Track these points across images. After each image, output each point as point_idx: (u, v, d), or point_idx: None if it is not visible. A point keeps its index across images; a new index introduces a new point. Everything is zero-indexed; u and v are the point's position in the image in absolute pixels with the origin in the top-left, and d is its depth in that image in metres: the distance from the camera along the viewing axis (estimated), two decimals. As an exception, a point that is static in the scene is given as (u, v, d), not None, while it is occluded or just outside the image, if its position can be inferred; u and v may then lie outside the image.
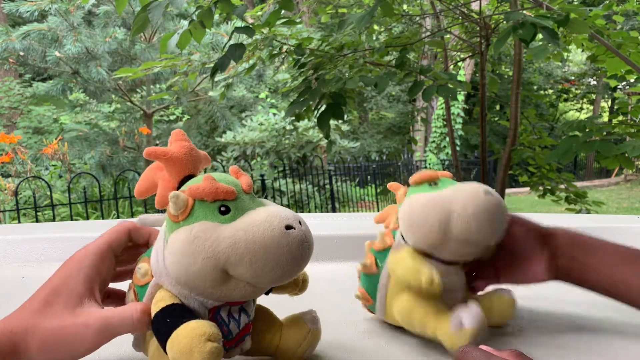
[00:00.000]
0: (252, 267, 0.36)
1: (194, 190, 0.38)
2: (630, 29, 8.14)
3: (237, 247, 0.35)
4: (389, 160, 8.18)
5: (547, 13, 1.54)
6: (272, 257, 0.36)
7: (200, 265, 0.36)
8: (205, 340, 0.35)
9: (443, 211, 0.46)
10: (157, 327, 0.38)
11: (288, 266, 0.37)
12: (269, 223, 0.36)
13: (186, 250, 0.36)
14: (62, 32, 4.24)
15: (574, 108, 16.72)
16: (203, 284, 0.37)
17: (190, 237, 0.36)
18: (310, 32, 2.50)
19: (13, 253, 0.87)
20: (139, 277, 0.41)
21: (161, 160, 0.41)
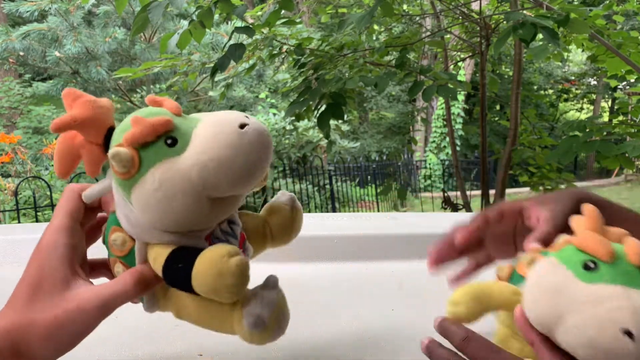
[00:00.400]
0: (231, 179, 0.34)
1: (132, 138, 0.34)
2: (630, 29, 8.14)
3: (207, 170, 0.34)
4: (389, 160, 8.18)
5: (547, 13, 1.54)
6: (243, 160, 0.34)
7: (185, 202, 0.34)
8: (227, 259, 0.34)
9: None
10: (173, 277, 0.36)
11: (260, 161, 0.35)
12: (223, 133, 0.34)
13: (160, 199, 0.34)
14: (62, 32, 4.24)
15: (574, 108, 16.72)
16: (196, 219, 0.36)
17: (156, 185, 0.34)
18: (310, 32, 2.50)
19: (13, 253, 0.87)
20: (119, 248, 0.39)
21: (73, 128, 0.36)
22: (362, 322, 0.57)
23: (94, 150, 0.37)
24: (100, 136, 0.37)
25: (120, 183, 0.35)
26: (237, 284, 0.34)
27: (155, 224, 0.36)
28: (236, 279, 0.34)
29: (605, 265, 0.31)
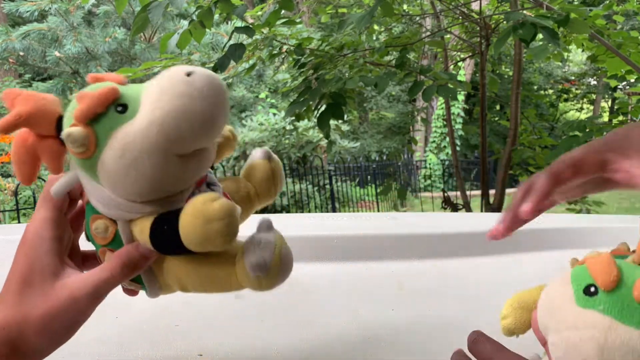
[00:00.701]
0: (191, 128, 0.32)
1: (81, 114, 0.33)
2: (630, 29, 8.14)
3: (166, 124, 0.32)
4: (389, 160, 8.19)
5: (547, 13, 1.54)
6: (199, 107, 0.32)
7: (151, 166, 0.33)
8: (210, 203, 0.32)
9: None
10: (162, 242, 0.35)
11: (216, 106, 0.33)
12: (171, 85, 0.33)
13: (127, 165, 0.33)
14: (62, 32, 4.24)
15: (574, 108, 16.72)
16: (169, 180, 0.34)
17: (119, 153, 0.32)
18: (310, 32, 2.50)
19: (13, 253, 0.87)
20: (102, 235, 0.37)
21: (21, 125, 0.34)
22: (362, 322, 0.57)
23: (50, 144, 0.35)
24: (51, 127, 0.35)
25: (83, 165, 0.34)
26: (227, 225, 0.32)
27: (130, 196, 0.34)
28: (224, 220, 0.32)
29: (604, 293, 0.30)
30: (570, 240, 0.89)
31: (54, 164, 0.36)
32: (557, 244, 0.85)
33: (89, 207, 0.38)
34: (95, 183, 0.35)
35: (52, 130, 0.35)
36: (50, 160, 0.36)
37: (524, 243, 0.85)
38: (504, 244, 0.46)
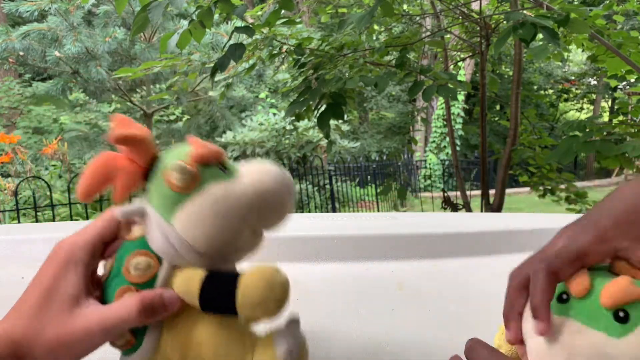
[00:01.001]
0: (273, 210, 0.39)
1: (198, 156, 0.37)
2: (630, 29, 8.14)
3: (260, 196, 0.38)
4: (389, 160, 8.18)
5: (547, 13, 1.54)
6: (285, 195, 0.39)
7: (236, 222, 0.37)
8: (278, 273, 0.36)
9: None
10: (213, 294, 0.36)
11: (289, 203, 0.40)
12: (271, 170, 0.39)
13: (216, 213, 0.36)
14: (62, 32, 4.24)
15: (574, 108, 16.72)
16: (238, 241, 0.38)
17: (212, 200, 0.36)
18: (310, 32, 2.50)
19: (13, 253, 0.87)
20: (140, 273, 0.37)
21: (134, 144, 0.38)
22: (362, 322, 0.57)
23: (134, 173, 0.39)
24: (147, 159, 0.39)
25: (170, 199, 0.37)
26: (284, 299, 0.36)
27: (196, 242, 0.37)
28: (285, 293, 0.36)
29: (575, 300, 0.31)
30: (570, 240, 0.88)
31: (124, 192, 0.39)
32: (557, 244, 0.85)
33: (131, 244, 0.39)
34: (164, 220, 0.37)
35: (146, 164, 0.39)
36: (124, 188, 0.39)
37: (524, 243, 0.85)
38: (504, 244, 0.46)
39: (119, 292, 0.38)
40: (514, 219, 1.18)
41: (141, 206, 0.39)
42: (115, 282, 0.38)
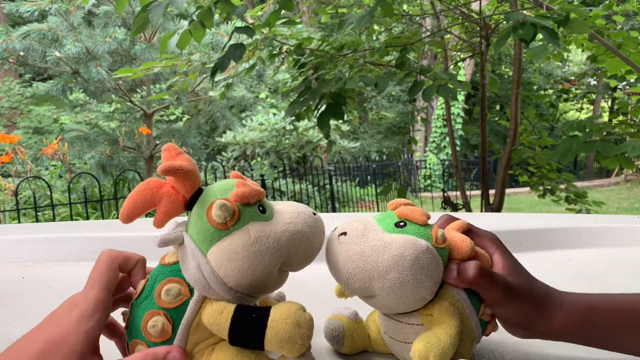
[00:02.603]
0: (306, 253, 0.41)
1: (240, 195, 0.40)
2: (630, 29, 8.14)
3: (294, 239, 0.40)
4: (389, 160, 8.19)
5: (547, 13, 1.54)
6: (316, 241, 0.42)
7: (269, 262, 0.39)
8: (303, 311, 0.38)
9: None
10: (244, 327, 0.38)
11: (319, 245, 0.43)
12: (304, 214, 0.42)
13: (252, 252, 0.38)
14: (62, 32, 4.23)
15: (574, 108, 16.72)
16: (267, 280, 0.40)
17: (252, 239, 0.38)
18: (310, 32, 2.50)
19: (13, 253, 0.87)
20: (171, 299, 0.39)
21: (178, 175, 0.40)
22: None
23: (177, 202, 0.41)
24: (192, 191, 0.41)
25: (209, 234, 0.39)
26: (309, 336, 0.38)
27: (228, 278, 0.38)
28: (310, 330, 0.38)
29: (388, 211, 0.44)
30: (570, 240, 0.89)
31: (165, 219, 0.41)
32: (557, 243, 0.85)
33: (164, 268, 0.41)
34: (199, 252, 0.39)
35: (190, 194, 0.41)
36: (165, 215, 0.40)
37: (524, 243, 0.85)
38: (504, 243, 0.46)
39: (148, 314, 0.39)
40: (513, 218, 1.18)
41: (180, 235, 0.41)
42: (145, 304, 0.40)
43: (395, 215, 0.44)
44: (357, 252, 0.41)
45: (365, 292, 0.42)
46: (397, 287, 0.40)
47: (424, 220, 0.43)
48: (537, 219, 1.14)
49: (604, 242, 0.90)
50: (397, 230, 0.42)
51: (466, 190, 2.78)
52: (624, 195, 8.51)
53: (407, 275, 0.40)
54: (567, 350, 0.49)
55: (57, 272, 0.80)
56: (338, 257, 0.42)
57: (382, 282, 0.40)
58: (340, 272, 0.42)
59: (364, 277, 0.40)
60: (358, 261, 0.41)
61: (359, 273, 0.41)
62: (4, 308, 0.63)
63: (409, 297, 0.41)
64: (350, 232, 0.42)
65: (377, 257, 0.40)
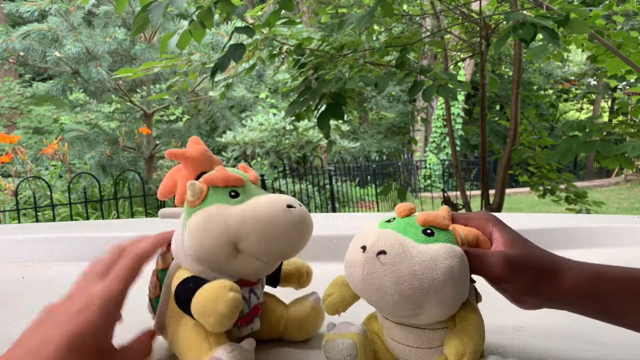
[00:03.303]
0: (259, 240, 0.41)
1: (208, 178, 0.44)
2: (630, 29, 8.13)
3: (245, 223, 0.41)
4: (389, 160, 8.19)
5: (547, 13, 1.54)
6: (275, 231, 0.41)
7: (214, 239, 0.41)
8: (228, 290, 0.39)
9: None
10: (181, 292, 0.42)
11: (290, 240, 0.43)
12: (272, 202, 0.42)
13: (203, 228, 0.41)
14: (62, 32, 4.23)
15: (574, 108, 16.72)
16: (217, 258, 0.42)
17: (206, 217, 0.42)
18: (310, 32, 2.50)
19: (13, 253, 0.87)
20: (161, 262, 0.47)
21: (180, 159, 0.47)
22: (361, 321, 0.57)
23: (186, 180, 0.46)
24: (195, 174, 0.47)
25: (187, 210, 0.44)
26: (225, 315, 0.39)
27: (191, 251, 0.43)
28: (226, 309, 0.38)
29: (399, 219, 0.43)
30: (570, 240, 0.89)
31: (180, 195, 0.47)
32: (557, 243, 0.85)
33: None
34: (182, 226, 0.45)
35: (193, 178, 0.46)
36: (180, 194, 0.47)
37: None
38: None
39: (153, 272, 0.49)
40: (513, 219, 1.18)
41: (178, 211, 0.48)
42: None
43: (417, 223, 0.42)
44: (409, 272, 0.38)
45: (414, 311, 0.39)
46: (451, 299, 0.39)
47: (448, 224, 0.42)
48: (537, 219, 1.14)
49: (604, 242, 0.90)
50: (429, 239, 0.41)
51: (466, 190, 2.78)
52: (624, 195, 8.51)
53: (458, 285, 0.39)
54: (568, 349, 0.49)
55: (57, 272, 0.80)
56: (384, 279, 0.39)
57: (437, 298, 0.39)
58: (390, 295, 0.39)
59: (419, 296, 0.38)
60: (412, 281, 0.38)
61: (414, 294, 0.38)
62: (4, 308, 0.63)
63: (457, 306, 0.41)
64: (389, 250, 0.39)
65: (430, 274, 0.38)
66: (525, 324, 0.56)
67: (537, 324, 0.56)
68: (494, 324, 0.43)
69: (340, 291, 0.46)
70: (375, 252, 0.39)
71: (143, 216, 4.11)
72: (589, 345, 0.51)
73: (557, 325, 0.56)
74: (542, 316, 0.55)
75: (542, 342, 0.51)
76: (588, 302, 0.42)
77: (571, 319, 0.57)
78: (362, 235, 0.42)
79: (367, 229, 0.43)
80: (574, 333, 0.54)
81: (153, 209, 4.42)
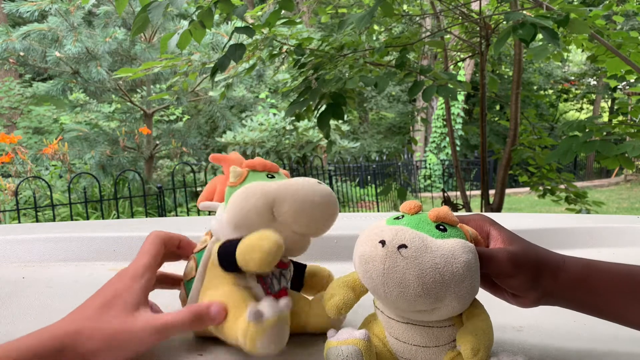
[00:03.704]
0: (294, 207, 0.45)
1: (248, 163, 0.50)
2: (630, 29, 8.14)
3: (281, 191, 0.45)
4: (389, 160, 8.18)
5: (547, 13, 1.54)
6: (309, 199, 0.46)
7: (253, 203, 0.45)
8: (263, 239, 0.42)
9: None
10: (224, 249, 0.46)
11: (320, 210, 0.46)
12: (305, 180, 0.47)
13: (242, 197, 0.46)
14: (62, 32, 4.24)
15: (574, 108, 16.73)
16: (255, 222, 0.45)
17: (245, 189, 0.46)
18: (310, 32, 2.50)
19: (13, 253, 0.87)
20: (199, 244, 0.52)
21: (221, 162, 0.52)
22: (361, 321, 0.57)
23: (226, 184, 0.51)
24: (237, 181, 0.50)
25: (228, 191, 0.49)
26: (270, 252, 0.42)
27: (231, 219, 0.46)
28: (273, 247, 0.42)
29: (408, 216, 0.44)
30: (570, 240, 0.89)
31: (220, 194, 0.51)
32: (557, 243, 0.85)
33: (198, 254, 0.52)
34: (223, 205, 0.49)
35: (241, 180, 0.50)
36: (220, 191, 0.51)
37: (523, 243, 0.85)
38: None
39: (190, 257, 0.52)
40: (513, 219, 1.18)
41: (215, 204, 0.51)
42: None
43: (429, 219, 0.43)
44: (431, 265, 0.39)
45: (433, 305, 0.40)
46: (468, 293, 0.40)
47: (457, 221, 0.44)
48: (537, 219, 1.14)
49: (604, 242, 0.90)
50: (444, 235, 0.41)
51: (466, 190, 2.78)
52: (624, 195, 8.51)
53: (475, 279, 0.40)
54: (567, 349, 0.49)
55: (57, 272, 0.80)
56: (407, 272, 0.39)
57: (456, 291, 0.39)
58: (412, 289, 0.39)
59: (440, 289, 0.39)
60: (434, 274, 0.39)
61: (436, 287, 0.39)
62: (4, 308, 0.63)
63: (471, 300, 0.41)
64: (410, 244, 0.39)
65: (451, 267, 0.39)
66: (525, 324, 0.56)
67: (537, 324, 0.56)
68: (493, 324, 0.44)
69: (342, 293, 0.46)
70: (396, 246, 0.39)
71: (143, 216, 4.11)
72: (589, 344, 0.51)
73: (556, 325, 0.56)
74: (541, 316, 0.56)
75: (541, 341, 0.51)
76: (579, 294, 0.44)
77: (571, 319, 0.57)
78: (375, 231, 0.42)
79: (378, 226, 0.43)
80: (573, 332, 0.54)
81: (153, 209, 4.42)
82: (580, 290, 0.44)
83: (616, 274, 0.44)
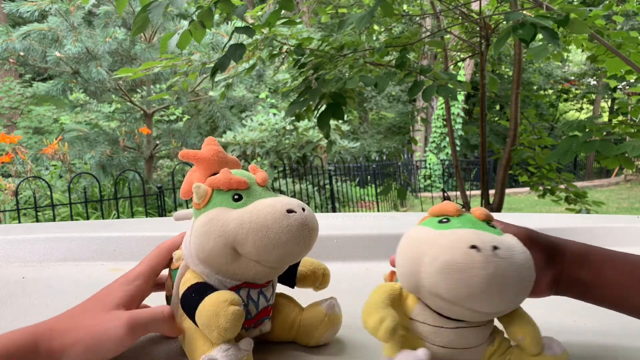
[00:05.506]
0: (256, 244, 0.41)
1: (212, 181, 0.45)
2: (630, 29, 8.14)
3: (242, 227, 0.41)
4: (389, 160, 8.18)
5: (547, 13, 1.54)
6: (273, 236, 0.41)
7: (213, 243, 0.42)
8: (228, 305, 0.40)
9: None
10: (186, 303, 0.43)
11: (289, 246, 0.41)
12: (271, 207, 0.42)
13: (203, 231, 0.42)
14: (62, 32, 4.23)
15: (574, 108, 16.72)
16: (217, 261, 0.43)
17: (206, 220, 0.42)
18: (310, 32, 2.50)
19: (13, 253, 0.87)
20: (174, 261, 0.48)
21: (191, 160, 0.47)
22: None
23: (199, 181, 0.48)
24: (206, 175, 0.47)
25: (194, 212, 0.46)
26: (227, 328, 0.39)
27: (195, 253, 0.44)
28: (227, 323, 0.39)
29: (455, 218, 0.42)
30: (570, 240, 0.89)
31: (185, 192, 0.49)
32: (557, 243, 0.85)
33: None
34: (190, 228, 0.46)
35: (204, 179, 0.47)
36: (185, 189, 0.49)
37: (523, 243, 0.85)
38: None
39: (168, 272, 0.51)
40: (513, 219, 1.18)
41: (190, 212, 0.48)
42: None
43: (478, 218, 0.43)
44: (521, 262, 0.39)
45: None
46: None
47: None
48: (537, 219, 1.14)
49: (604, 242, 0.89)
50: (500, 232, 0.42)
51: (466, 190, 2.78)
52: (624, 195, 8.51)
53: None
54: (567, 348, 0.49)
55: (57, 272, 0.80)
56: (508, 274, 0.37)
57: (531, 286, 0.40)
58: (512, 290, 0.38)
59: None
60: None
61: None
62: (4, 308, 0.63)
63: None
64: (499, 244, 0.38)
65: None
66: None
67: (537, 324, 0.56)
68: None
69: (391, 314, 0.40)
70: (491, 249, 0.37)
71: (143, 216, 4.11)
72: (589, 344, 0.51)
73: (556, 324, 0.56)
74: (542, 315, 0.55)
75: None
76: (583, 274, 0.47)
77: (571, 318, 0.57)
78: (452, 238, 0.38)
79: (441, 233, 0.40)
80: (573, 332, 0.54)
81: (153, 209, 4.42)
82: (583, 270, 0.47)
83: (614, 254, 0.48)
